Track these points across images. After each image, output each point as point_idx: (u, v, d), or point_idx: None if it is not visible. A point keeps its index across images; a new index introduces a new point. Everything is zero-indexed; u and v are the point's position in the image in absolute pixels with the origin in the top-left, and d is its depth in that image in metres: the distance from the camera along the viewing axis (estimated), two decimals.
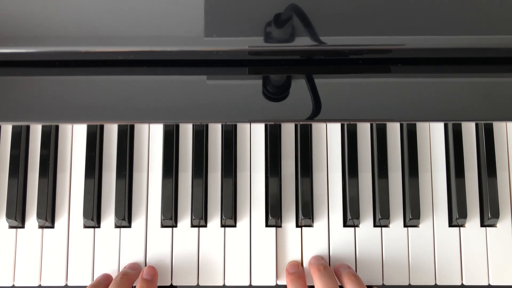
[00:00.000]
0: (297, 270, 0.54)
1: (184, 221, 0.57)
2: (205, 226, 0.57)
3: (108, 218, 0.57)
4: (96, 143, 0.58)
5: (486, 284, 0.56)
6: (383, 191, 0.56)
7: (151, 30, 0.48)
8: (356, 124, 0.58)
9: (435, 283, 0.56)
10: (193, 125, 0.58)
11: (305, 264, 0.56)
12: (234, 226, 0.57)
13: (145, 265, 0.56)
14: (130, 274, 0.53)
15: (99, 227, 0.57)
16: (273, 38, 0.48)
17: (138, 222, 0.57)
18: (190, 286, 0.56)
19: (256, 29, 0.48)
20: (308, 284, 0.54)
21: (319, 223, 0.57)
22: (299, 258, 0.56)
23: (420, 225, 0.57)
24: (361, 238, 0.56)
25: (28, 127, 0.59)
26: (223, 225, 0.57)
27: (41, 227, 0.57)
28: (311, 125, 0.58)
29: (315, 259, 0.55)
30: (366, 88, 0.50)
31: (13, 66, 0.51)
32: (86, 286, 0.52)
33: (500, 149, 0.58)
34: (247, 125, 0.59)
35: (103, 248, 0.56)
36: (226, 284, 0.56)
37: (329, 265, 0.56)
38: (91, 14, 0.48)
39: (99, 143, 0.58)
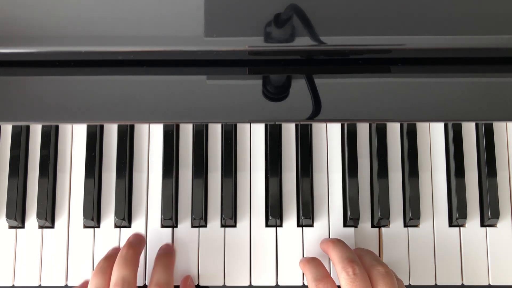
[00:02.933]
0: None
1: (184, 221, 0.57)
2: (205, 226, 0.57)
3: (108, 218, 0.57)
4: (96, 143, 0.58)
5: (486, 284, 0.56)
6: (383, 191, 0.56)
7: (151, 30, 0.48)
8: (356, 124, 0.58)
9: (435, 283, 0.56)
10: (193, 125, 0.58)
11: None
12: (234, 226, 0.57)
13: (146, 265, 0.56)
14: (137, 246, 0.52)
15: (99, 227, 0.57)
16: (273, 38, 0.48)
17: (138, 222, 0.57)
18: None
19: (256, 29, 0.48)
20: None
21: (320, 223, 0.57)
22: (299, 258, 0.56)
23: (420, 225, 0.57)
24: (361, 238, 0.56)
25: (28, 127, 0.59)
26: (223, 225, 0.57)
27: (41, 227, 0.57)
28: (311, 125, 0.58)
29: (325, 239, 0.55)
30: (366, 88, 0.50)
31: (13, 66, 0.51)
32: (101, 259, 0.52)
33: (500, 149, 0.58)
34: (247, 125, 0.59)
35: (103, 248, 0.56)
36: (226, 284, 0.56)
37: (329, 263, 0.56)
38: (91, 14, 0.48)
39: (99, 143, 0.58)
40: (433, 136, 0.58)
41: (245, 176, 0.58)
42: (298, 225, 0.57)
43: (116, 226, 0.57)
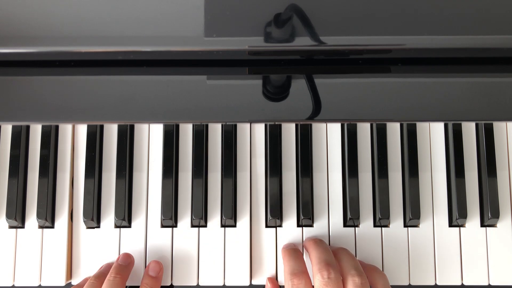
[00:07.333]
0: (293, 246, 0.54)
1: (184, 221, 0.57)
2: (205, 226, 0.57)
3: (108, 218, 0.57)
4: (96, 143, 0.58)
5: (486, 284, 0.56)
6: (383, 191, 0.56)
7: (151, 30, 0.48)
8: (356, 124, 0.58)
9: (435, 283, 0.56)
10: (193, 125, 0.58)
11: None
12: (234, 226, 0.57)
13: (145, 265, 0.56)
14: (124, 270, 0.53)
15: (99, 227, 0.57)
16: (273, 38, 0.48)
17: (138, 222, 0.57)
18: (190, 286, 0.56)
19: (256, 29, 0.48)
20: None
21: (319, 223, 0.57)
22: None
23: (420, 225, 0.57)
24: (361, 238, 0.56)
25: (28, 127, 0.59)
26: (223, 225, 0.57)
27: (41, 227, 0.57)
28: (311, 125, 0.58)
29: (309, 238, 0.56)
30: (366, 88, 0.50)
31: (13, 66, 0.51)
32: (91, 276, 0.53)
33: (500, 149, 0.58)
34: (247, 125, 0.59)
35: (103, 248, 0.56)
36: (226, 284, 0.56)
37: None
38: (91, 14, 0.48)
39: (99, 143, 0.58)
40: (433, 136, 0.58)
41: (245, 176, 0.58)
42: (298, 225, 0.57)
43: (116, 226, 0.57)
